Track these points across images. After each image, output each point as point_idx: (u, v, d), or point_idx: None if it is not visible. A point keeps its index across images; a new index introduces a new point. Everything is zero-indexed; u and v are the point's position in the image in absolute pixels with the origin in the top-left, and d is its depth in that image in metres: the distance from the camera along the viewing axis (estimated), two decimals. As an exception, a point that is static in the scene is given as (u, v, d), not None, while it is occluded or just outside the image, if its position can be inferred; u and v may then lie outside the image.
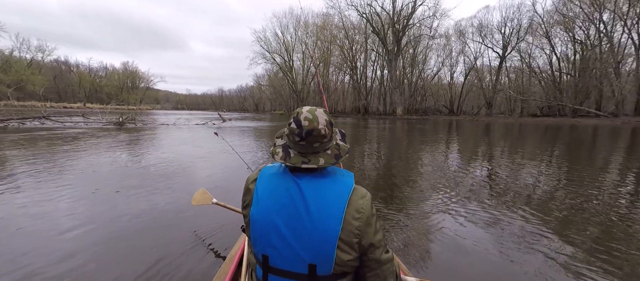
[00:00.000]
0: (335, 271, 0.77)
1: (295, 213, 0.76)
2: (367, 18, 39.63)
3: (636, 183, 4.10)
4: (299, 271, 0.77)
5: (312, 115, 0.80)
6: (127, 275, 1.67)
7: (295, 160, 0.80)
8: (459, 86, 44.15)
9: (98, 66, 74.92)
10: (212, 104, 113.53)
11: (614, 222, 2.61)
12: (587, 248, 2.12)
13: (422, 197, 3.31)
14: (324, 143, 0.82)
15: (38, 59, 55.58)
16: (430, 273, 1.77)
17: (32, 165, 4.59)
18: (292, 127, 0.81)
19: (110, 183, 3.62)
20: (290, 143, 0.84)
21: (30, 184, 3.52)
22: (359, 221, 0.76)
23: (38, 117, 12.19)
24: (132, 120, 14.28)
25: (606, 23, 27.73)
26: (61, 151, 5.98)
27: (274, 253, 0.78)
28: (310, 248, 0.75)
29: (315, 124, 0.79)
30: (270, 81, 63.13)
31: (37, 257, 1.86)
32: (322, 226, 0.74)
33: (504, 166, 5.34)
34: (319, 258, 0.75)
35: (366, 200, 0.79)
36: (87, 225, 2.37)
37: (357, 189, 0.80)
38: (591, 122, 24.37)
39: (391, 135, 12.15)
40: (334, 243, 0.74)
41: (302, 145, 0.81)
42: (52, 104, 50.74)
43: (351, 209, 0.76)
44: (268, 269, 0.80)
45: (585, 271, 1.81)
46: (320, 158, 0.80)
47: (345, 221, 0.75)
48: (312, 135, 0.79)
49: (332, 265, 0.75)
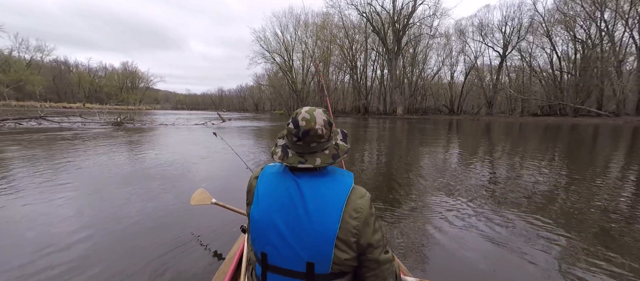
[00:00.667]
0: (333, 270, 0.77)
1: (294, 212, 0.77)
2: (367, 17, 39.50)
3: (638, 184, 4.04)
4: (297, 269, 0.78)
5: (310, 116, 0.80)
6: (125, 275, 1.68)
7: (292, 160, 0.81)
8: (459, 86, 44.05)
9: (97, 66, 74.85)
10: (212, 104, 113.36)
11: (615, 222, 2.59)
12: (589, 248, 2.10)
13: (423, 197, 3.30)
14: (322, 143, 0.82)
15: (37, 59, 55.48)
16: (430, 273, 1.77)
17: (32, 166, 4.48)
18: (290, 127, 0.82)
19: (108, 184, 3.58)
20: (289, 143, 0.85)
21: (29, 185, 3.45)
22: (357, 220, 0.76)
23: (35, 117, 12.01)
24: (130, 120, 14.16)
25: (607, 21, 27.59)
26: (59, 152, 5.86)
27: (272, 251, 0.79)
28: (308, 247, 0.75)
29: (312, 124, 0.79)
30: (270, 81, 62.97)
31: (38, 258, 1.85)
32: (320, 225, 0.74)
33: (505, 166, 5.30)
34: (317, 256, 0.75)
35: (365, 199, 0.79)
36: (85, 226, 2.35)
37: (356, 189, 0.80)
38: (593, 121, 24.27)
39: (393, 135, 12.04)
40: (332, 242, 0.74)
41: (299, 145, 0.81)
42: (51, 104, 50.65)
43: (349, 208, 0.76)
44: (267, 267, 0.81)
45: (586, 271, 1.80)
46: (317, 158, 0.80)
47: (343, 220, 0.75)
48: (309, 135, 0.79)
49: (329, 264, 0.76)
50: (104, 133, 9.84)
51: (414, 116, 38.35)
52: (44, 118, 12.11)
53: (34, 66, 54.87)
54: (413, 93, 44.16)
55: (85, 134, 9.21)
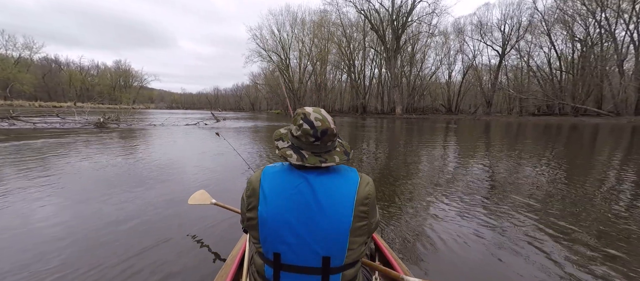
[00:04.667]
0: (347, 261, 0.80)
1: (307, 208, 0.77)
2: (365, 14, 38.84)
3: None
4: (312, 265, 0.78)
5: (321, 115, 0.82)
6: (123, 278, 1.63)
7: (312, 161, 0.81)
8: (456, 85, 43.64)
9: (90, 64, 73.25)
10: (207, 103, 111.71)
11: (617, 222, 2.56)
12: (591, 248, 2.08)
13: (423, 198, 3.28)
14: (334, 141, 0.85)
15: (25, 56, 53.85)
16: (430, 273, 1.75)
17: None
18: (305, 129, 0.81)
19: (97, 191, 3.32)
20: (301, 145, 0.83)
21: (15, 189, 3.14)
22: (367, 206, 0.80)
23: (5, 117, 10.82)
24: (115, 120, 13.26)
25: (609, 20, 27.25)
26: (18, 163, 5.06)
27: (286, 250, 0.79)
28: (323, 241, 0.77)
29: (327, 124, 0.82)
30: (267, 80, 62.04)
31: (35, 259, 1.81)
32: (335, 217, 0.76)
33: (506, 166, 5.25)
34: (333, 249, 0.77)
35: (371, 185, 0.84)
36: (83, 227, 2.29)
37: (362, 177, 0.83)
38: (594, 121, 23.91)
39: (393, 136, 11.43)
40: (347, 232, 0.77)
41: (317, 145, 0.82)
42: (41, 103, 49.31)
43: (360, 197, 0.79)
44: (280, 266, 0.81)
45: (587, 271, 1.79)
46: (335, 156, 0.83)
47: (356, 209, 0.78)
48: (326, 135, 0.82)
49: (344, 254, 0.78)
50: (77, 136, 8.98)
51: (413, 115, 37.82)
52: (17, 119, 11.05)
53: (23, 64, 53.26)
54: (411, 92, 43.66)
55: (56, 141, 8.29)
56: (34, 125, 10.70)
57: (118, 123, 12.94)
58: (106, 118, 12.57)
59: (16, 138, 7.55)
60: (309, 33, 48.48)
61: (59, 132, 9.43)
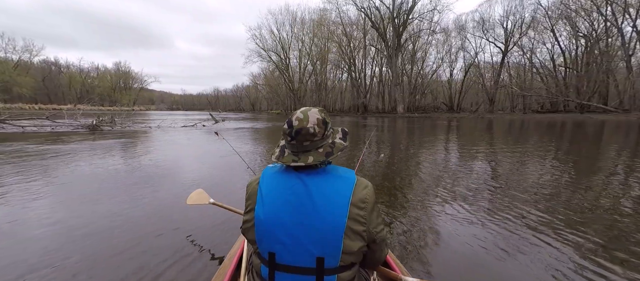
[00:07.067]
0: (341, 263, 0.79)
1: (301, 208, 0.77)
2: (366, 12, 38.36)
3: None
4: (306, 265, 0.78)
5: (304, 115, 0.82)
6: (122, 279, 1.62)
7: (287, 159, 0.83)
8: (458, 83, 43.10)
9: (89, 66, 73.09)
10: (208, 104, 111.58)
11: (618, 222, 2.47)
12: (596, 250, 1.99)
13: (423, 197, 3.24)
14: (315, 141, 0.82)
15: (25, 59, 53.74)
16: (430, 273, 1.72)
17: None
18: (284, 127, 0.84)
19: (93, 191, 3.33)
20: (285, 143, 0.87)
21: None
22: (364, 210, 0.79)
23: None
24: (110, 122, 12.89)
25: (616, 15, 26.65)
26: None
27: (281, 250, 0.79)
28: (318, 241, 0.77)
29: (305, 124, 0.81)
30: (267, 80, 61.66)
31: (34, 258, 1.81)
32: (329, 218, 0.76)
33: (508, 164, 5.14)
34: (327, 250, 0.77)
35: (369, 189, 0.82)
36: (80, 229, 2.27)
37: (359, 180, 0.82)
38: (600, 117, 23.35)
39: (395, 134, 11.04)
40: (341, 233, 0.76)
41: (293, 144, 0.83)
42: (41, 106, 49.25)
43: (356, 199, 0.78)
44: (275, 266, 0.81)
45: (592, 273, 1.70)
46: (310, 156, 0.82)
47: (351, 211, 0.77)
48: (300, 134, 0.81)
49: (339, 256, 0.77)
50: (67, 140, 8.62)
51: (415, 114, 37.31)
52: (4, 122, 10.64)
53: (23, 67, 53.13)
54: (413, 91, 43.15)
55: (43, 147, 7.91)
56: (22, 129, 10.34)
57: (112, 126, 12.57)
58: (100, 120, 12.19)
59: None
60: (308, 32, 48.08)
61: (45, 135, 9.06)
